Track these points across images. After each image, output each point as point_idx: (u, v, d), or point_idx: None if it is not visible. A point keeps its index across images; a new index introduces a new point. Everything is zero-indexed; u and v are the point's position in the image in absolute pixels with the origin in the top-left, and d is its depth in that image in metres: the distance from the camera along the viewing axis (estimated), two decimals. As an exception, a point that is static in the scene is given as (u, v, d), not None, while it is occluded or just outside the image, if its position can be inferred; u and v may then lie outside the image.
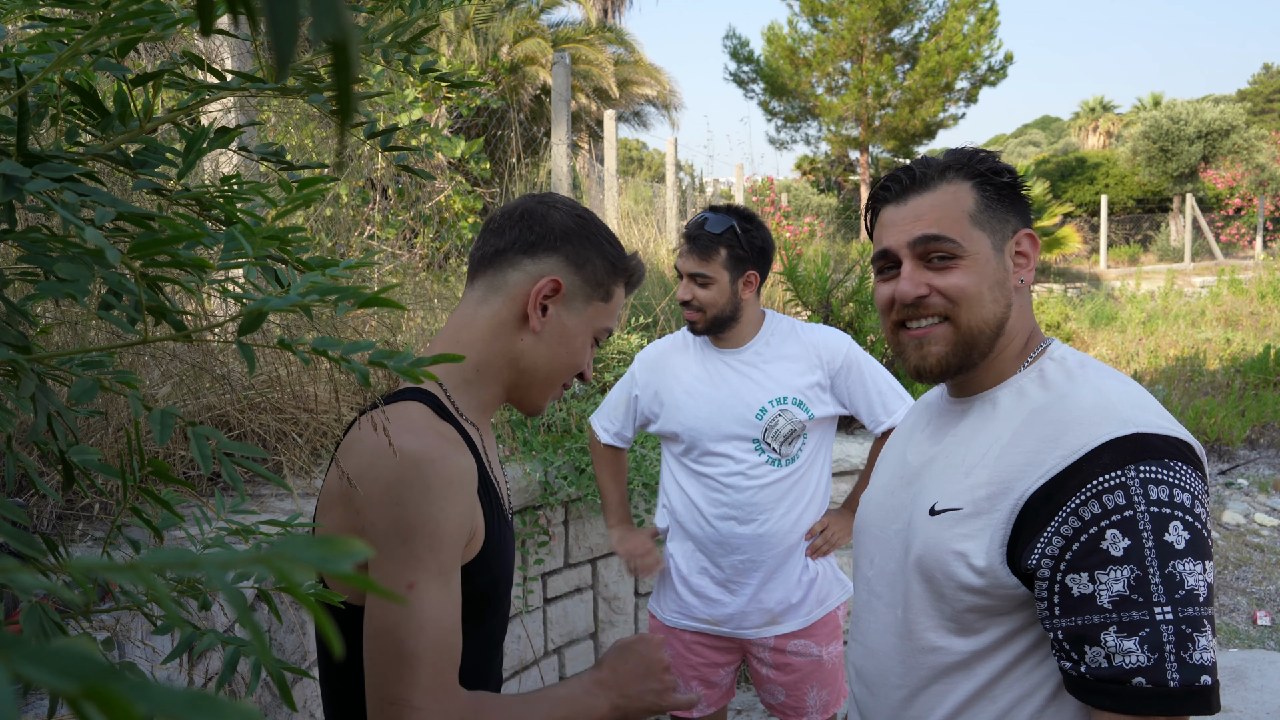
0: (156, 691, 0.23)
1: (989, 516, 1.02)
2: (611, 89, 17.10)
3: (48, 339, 1.79)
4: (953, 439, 1.13)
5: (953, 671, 1.06)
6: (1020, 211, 1.13)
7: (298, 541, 0.29)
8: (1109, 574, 0.92)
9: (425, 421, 1.02)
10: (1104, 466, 0.94)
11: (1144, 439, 0.95)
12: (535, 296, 1.09)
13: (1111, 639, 0.91)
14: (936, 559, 1.06)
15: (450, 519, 0.97)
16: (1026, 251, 1.13)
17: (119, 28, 0.72)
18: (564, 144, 4.92)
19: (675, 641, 2.30)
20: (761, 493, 2.15)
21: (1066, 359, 1.10)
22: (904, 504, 1.16)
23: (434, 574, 0.95)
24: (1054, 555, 0.96)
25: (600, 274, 1.12)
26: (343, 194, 3.71)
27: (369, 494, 0.96)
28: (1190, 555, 0.91)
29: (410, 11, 0.94)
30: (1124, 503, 0.92)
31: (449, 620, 0.96)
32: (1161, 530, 0.91)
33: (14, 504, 0.72)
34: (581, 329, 1.13)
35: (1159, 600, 0.89)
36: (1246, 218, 21.02)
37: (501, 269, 1.10)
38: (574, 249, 1.10)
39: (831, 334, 2.24)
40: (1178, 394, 8.26)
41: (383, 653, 0.94)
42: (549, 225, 1.10)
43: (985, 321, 1.09)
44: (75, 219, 0.63)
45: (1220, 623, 4.53)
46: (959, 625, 1.06)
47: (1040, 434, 1.01)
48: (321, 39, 0.26)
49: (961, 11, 18.73)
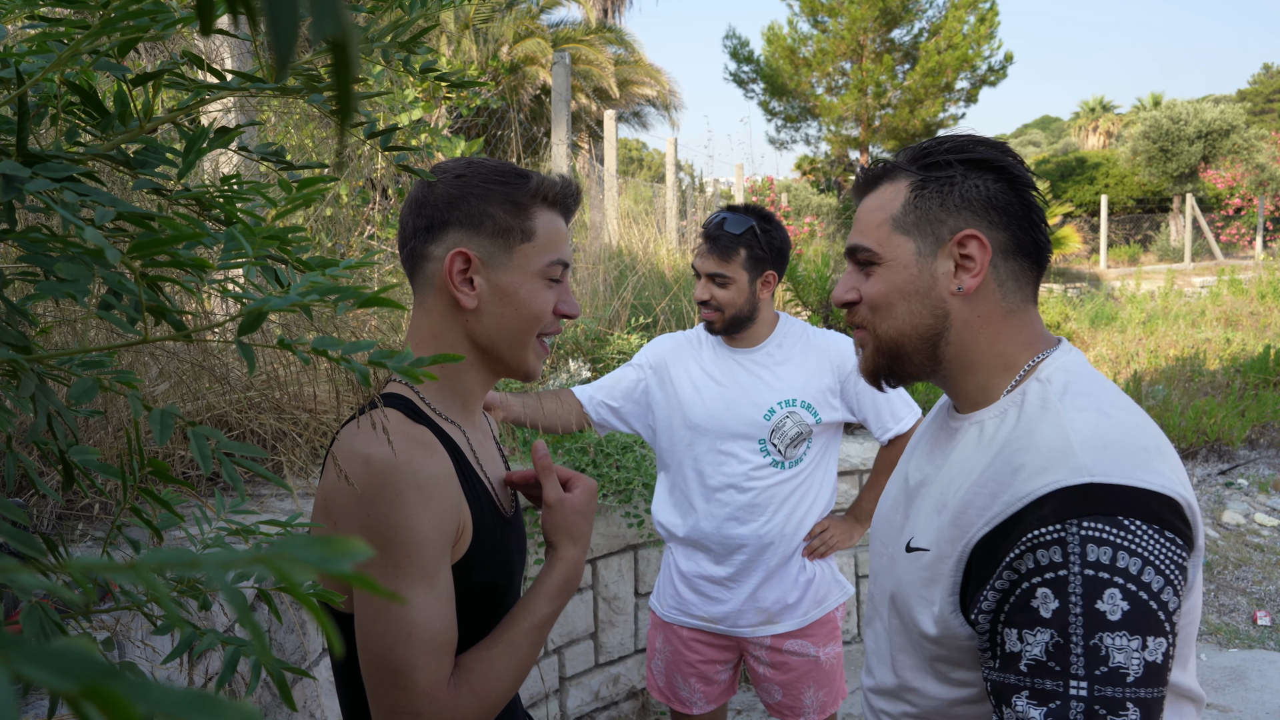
0: (156, 691, 0.23)
1: (945, 562, 0.96)
2: (611, 89, 17.10)
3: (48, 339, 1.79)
4: (942, 462, 1.05)
5: (936, 716, 1.01)
6: (972, 209, 0.99)
7: (298, 541, 0.29)
8: (1035, 635, 0.84)
9: (396, 427, 1.00)
10: (1043, 519, 0.86)
11: (1096, 490, 0.85)
12: (450, 278, 1.05)
13: (1021, 704, 0.84)
14: (904, 597, 1.01)
15: (425, 522, 0.95)
16: (973, 254, 0.99)
17: (119, 28, 0.72)
18: (564, 144, 4.92)
19: (673, 638, 2.30)
20: (763, 494, 2.15)
21: (1052, 381, 0.97)
22: (897, 528, 1.10)
23: (417, 579, 0.95)
24: (990, 610, 0.90)
25: (503, 220, 1.06)
26: (343, 194, 3.71)
27: (343, 505, 0.97)
28: (1125, 629, 0.81)
29: (410, 11, 0.94)
30: (1059, 560, 0.84)
31: (437, 620, 0.95)
32: (1094, 597, 0.82)
33: (14, 504, 0.72)
34: (519, 280, 1.07)
35: (1075, 673, 0.81)
36: (1246, 218, 21.03)
37: (417, 264, 1.09)
38: (464, 212, 1.06)
39: (842, 339, 2.24)
40: (1178, 394, 8.26)
41: (376, 665, 0.95)
42: (434, 202, 1.07)
43: (901, 332, 1.02)
44: (75, 219, 0.63)
45: (1220, 623, 4.53)
46: (933, 671, 1.00)
47: (997, 476, 0.92)
48: (321, 38, 0.26)
49: (961, 11, 18.73)
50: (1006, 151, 1.03)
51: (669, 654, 2.31)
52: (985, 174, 1.00)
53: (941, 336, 1.02)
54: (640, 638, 3.49)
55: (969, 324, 1.01)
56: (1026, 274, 1.02)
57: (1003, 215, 1.00)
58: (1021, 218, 1.00)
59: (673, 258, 6.32)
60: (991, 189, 1.00)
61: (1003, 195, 1.00)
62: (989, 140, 1.04)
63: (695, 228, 8.53)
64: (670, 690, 2.33)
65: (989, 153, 1.01)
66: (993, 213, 0.99)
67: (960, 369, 1.03)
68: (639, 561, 3.48)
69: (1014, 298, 1.01)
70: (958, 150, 1.01)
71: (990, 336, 1.01)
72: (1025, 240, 1.00)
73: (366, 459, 0.96)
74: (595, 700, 3.37)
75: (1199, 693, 0.98)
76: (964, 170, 1.00)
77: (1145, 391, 8.27)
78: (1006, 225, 1.00)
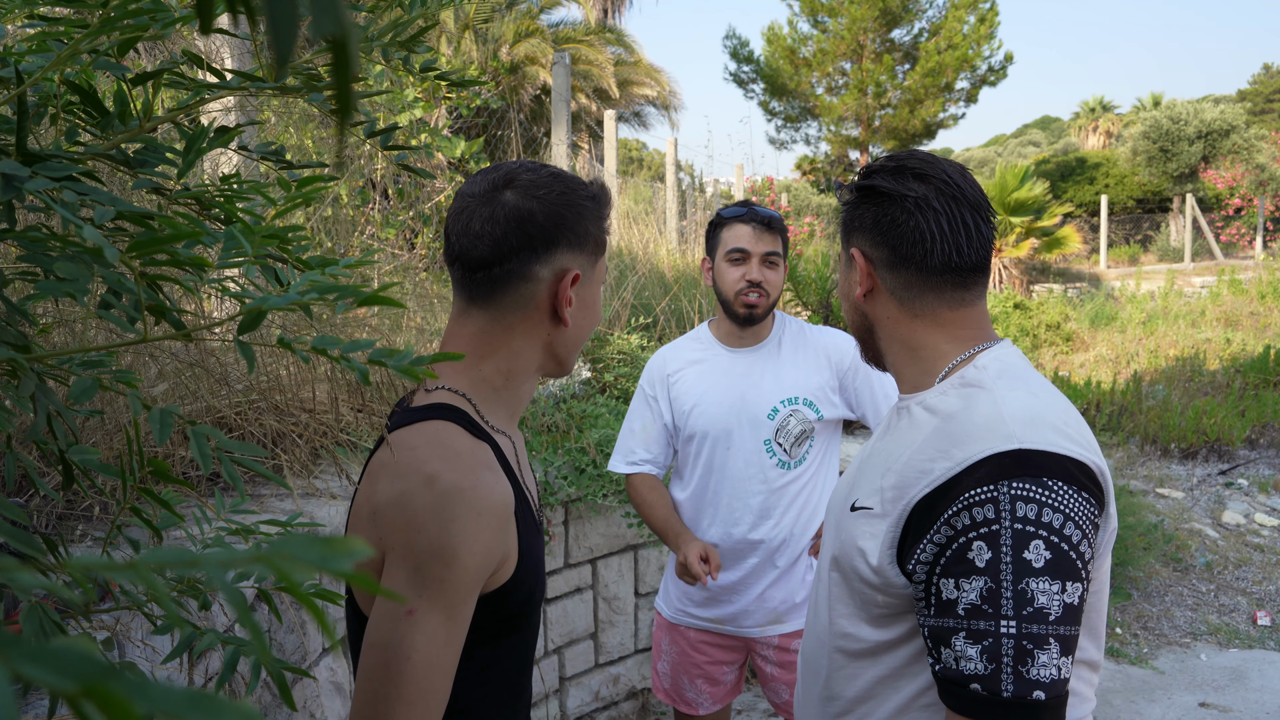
0: (156, 691, 0.23)
1: (885, 519, 1.07)
2: (611, 89, 17.10)
3: (47, 339, 1.79)
4: (890, 438, 1.17)
5: (862, 657, 1.13)
6: (862, 229, 1.17)
7: (298, 541, 0.29)
8: (971, 582, 0.96)
9: (462, 444, 0.98)
10: (978, 480, 0.97)
11: (1024, 455, 0.97)
12: (564, 299, 1.06)
13: (959, 643, 0.96)
14: (847, 553, 1.13)
15: (472, 553, 0.93)
16: (859, 267, 1.18)
17: (118, 27, 0.72)
18: (564, 144, 4.92)
19: (680, 639, 2.29)
20: (771, 496, 2.14)
21: (988, 368, 1.10)
22: (844, 493, 1.22)
23: (439, 607, 0.92)
24: (928, 561, 1.01)
25: (595, 235, 1.10)
26: (343, 194, 3.71)
27: (394, 518, 0.94)
28: (1047, 574, 0.94)
29: (410, 11, 0.94)
30: (992, 516, 0.96)
31: (440, 659, 0.93)
32: (1022, 547, 0.94)
33: (14, 504, 0.72)
34: (597, 289, 1.13)
35: (1006, 614, 0.93)
36: (1246, 218, 21.02)
37: (510, 283, 1.04)
38: (570, 231, 1.06)
39: (839, 335, 2.24)
40: (1178, 394, 8.27)
41: (372, 667, 0.92)
42: (539, 221, 1.04)
43: (849, 323, 1.26)
44: (74, 218, 0.63)
45: (1220, 623, 4.53)
46: (867, 615, 1.12)
47: (937, 444, 1.05)
48: (321, 37, 0.26)
49: (961, 12, 18.72)
50: (920, 174, 1.14)
51: (675, 655, 2.30)
52: (878, 199, 1.15)
53: (871, 332, 1.21)
54: (640, 638, 3.49)
55: (882, 323, 1.19)
56: (922, 284, 1.14)
57: (882, 234, 1.15)
58: (902, 235, 1.14)
59: (673, 258, 6.31)
60: (878, 213, 1.15)
61: (885, 217, 1.14)
62: (911, 161, 1.16)
63: (695, 228, 8.52)
64: (676, 692, 2.32)
65: (881, 180, 1.16)
66: (874, 233, 1.16)
67: (893, 358, 1.20)
68: (639, 561, 3.48)
69: (915, 305, 1.15)
70: (865, 176, 1.18)
71: (904, 335, 1.17)
72: (907, 254, 1.13)
73: (430, 480, 0.93)
74: (595, 700, 3.37)
75: (1098, 661, 1.13)
76: (861, 196, 1.18)
77: (1145, 391, 8.27)
78: (885, 243, 1.15)
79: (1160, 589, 4.91)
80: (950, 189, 1.13)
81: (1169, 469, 6.91)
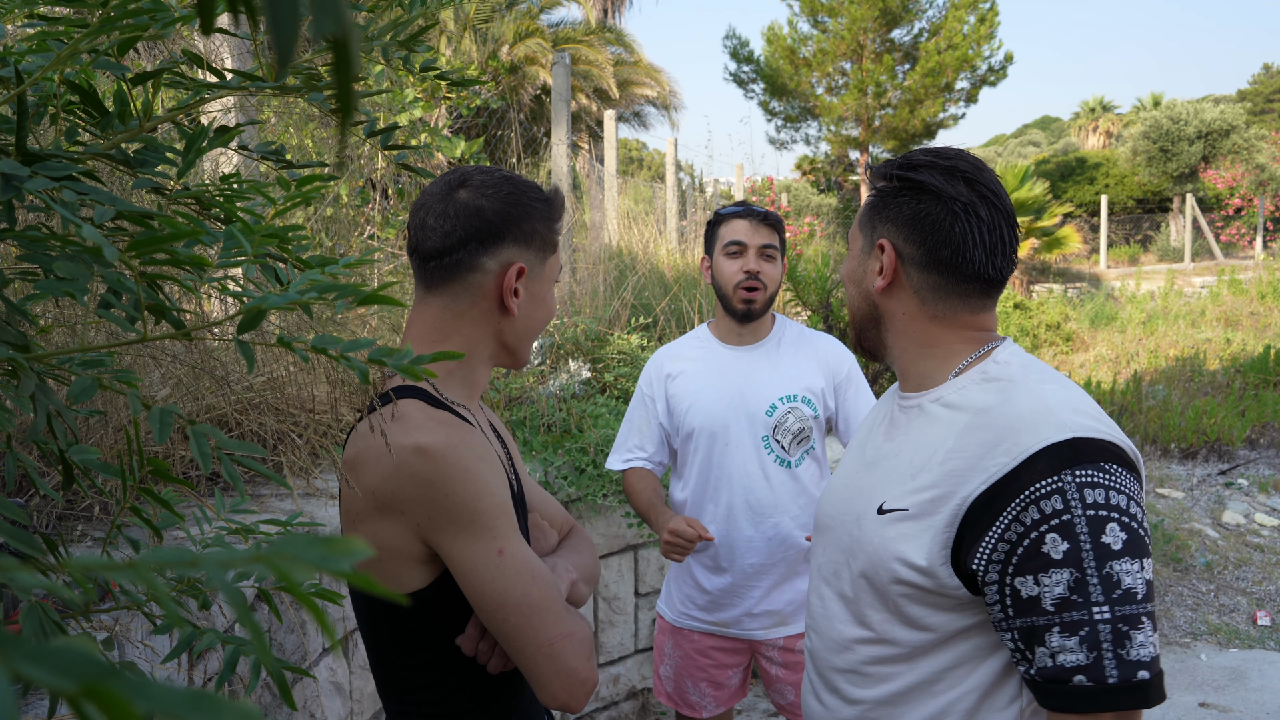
0: (156, 691, 0.23)
1: (931, 519, 1.05)
2: (611, 89, 17.09)
3: (48, 338, 1.78)
4: (904, 438, 1.16)
5: (895, 661, 1.11)
6: (895, 222, 1.13)
7: (298, 541, 0.29)
8: (1051, 576, 0.95)
9: (425, 414, 1.07)
10: (1041, 472, 0.97)
11: (1080, 444, 0.98)
12: (508, 290, 1.14)
13: (1055, 639, 0.95)
14: (879, 556, 1.10)
15: (499, 486, 1.05)
16: (879, 259, 1.15)
17: (118, 26, 0.72)
18: (564, 144, 4.92)
19: (684, 642, 2.27)
20: (771, 495, 2.14)
21: (1010, 363, 1.11)
22: (856, 496, 1.19)
23: (511, 532, 1.04)
24: (1000, 560, 0.99)
25: (544, 234, 1.17)
26: (343, 194, 3.70)
27: (410, 496, 1.02)
28: (1127, 555, 0.94)
29: (410, 10, 0.94)
30: (1061, 507, 0.96)
31: (536, 560, 1.06)
32: (1098, 532, 0.95)
33: (14, 504, 0.72)
34: (546, 287, 1.20)
35: (1097, 600, 0.93)
36: (1246, 218, 21.03)
37: (458, 272, 1.13)
38: (517, 227, 1.14)
39: (838, 345, 2.27)
40: (1178, 394, 8.27)
41: (517, 614, 1.02)
42: (488, 216, 1.13)
43: (852, 310, 1.24)
44: (74, 218, 0.63)
45: (1220, 623, 4.53)
46: (901, 619, 1.10)
47: (982, 439, 1.04)
48: (322, 37, 0.26)
49: (961, 12, 18.71)
50: (970, 179, 1.10)
51: (679, 659, 2.29)
52: (922, 195, 1.11)
53: (879, 323, 1.19)
54: (640, 638, 3.49)
55: (896, 318, 1.16)
56: (950, 289, 1.12)
57: (920, 233, 1.11)
58: (943, 238, 1.10)
59: (673, 258, 6.31)
60: (918, 209, 1.11)
61: (928, 217, 1.11)
62: (961, 162, 1.12)
63: (695, 228, 8.52)
64: (679, 695, 2.30)
65: (930, 176, 1.11)
66: (911, 229, 1.12)
67: (900, 353, 1.18)
68: (639, 561, 3.48)
69: (938, 306, 1.13)
70: (909, 167, 1.13)
71: (919, 333, 1.15)
72: (944, 258, 1.10)
73: (419, 449, 1.02)
74: (595, 700, 3.37)
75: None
76: (902, 187, 1.13)
77: (1145, 391, 8.27)
78: (923, 242, 1.11)
79: (1160, 589, 4.91)
80: (994, 199, 1.11)
81: (1169, 469, 6.91)
